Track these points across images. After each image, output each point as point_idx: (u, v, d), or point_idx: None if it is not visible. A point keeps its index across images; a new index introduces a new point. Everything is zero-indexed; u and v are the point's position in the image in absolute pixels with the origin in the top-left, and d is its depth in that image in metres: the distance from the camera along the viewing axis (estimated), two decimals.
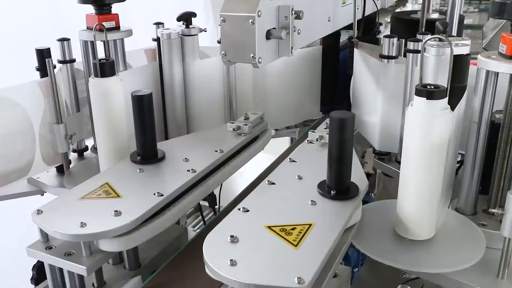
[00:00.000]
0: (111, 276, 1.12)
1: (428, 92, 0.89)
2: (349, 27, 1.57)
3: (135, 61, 1.55)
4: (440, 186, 0.96)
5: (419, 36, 1.32)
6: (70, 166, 1.48)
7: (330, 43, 1.87)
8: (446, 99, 0.91)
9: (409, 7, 3.41)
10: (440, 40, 1.14)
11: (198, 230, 1.55)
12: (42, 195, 1.46)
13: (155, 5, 2.58)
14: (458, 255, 0.97)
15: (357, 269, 1.24)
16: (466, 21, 2.26)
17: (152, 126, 1.16)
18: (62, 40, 1.41)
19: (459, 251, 0.99)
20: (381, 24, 2.56)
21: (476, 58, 1.11)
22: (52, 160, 1.44)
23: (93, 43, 1.38)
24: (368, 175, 1.66)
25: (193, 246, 1.21)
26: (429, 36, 1.15)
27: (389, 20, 3.18)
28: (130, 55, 1.50)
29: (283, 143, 2.19)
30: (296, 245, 0.82)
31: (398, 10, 3.19)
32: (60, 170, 1.48)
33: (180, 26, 1.49)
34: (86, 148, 1.58)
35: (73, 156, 1.55)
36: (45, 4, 1.97)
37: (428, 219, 0.98)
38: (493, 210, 1.11)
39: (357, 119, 1.54)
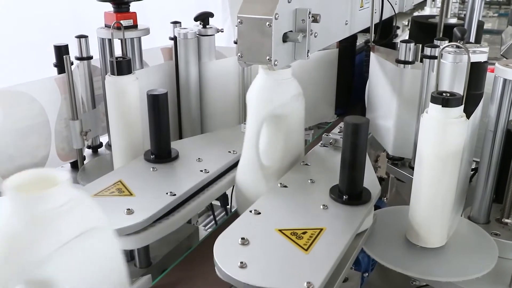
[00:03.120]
0: None
1: (444, 99, 0.89)
2: (365, 30, 1.56)
3: (151, 59, 1.56)
4: (454, 194, 0.95)
5: (436, 42, 1.31)
6: (85, 162, 1.49)
7: (346, 46, 1.87)
8: (462, 107, 0.90)
9: (427, 10, 3.39)
10: (458, 46, 1.13)
11: (209, 230, 1.55)
12: None
13: (173, 3, 2.58)
14: (469, 264, 0.96)
15: (367, 274, 1.24)
16: (485, 26, 2.23)
17: (166, 125, 1.16)
18: (80, 37, 1.43)
19: (470, 260, 0.98)
20: (398, 27, 2.55)
21: (494, 64, 1.10)
22: (66, 156, 1.46)
23: (110, 41, 1.39)
24: (380, 179, 1.66)
25: (204, 246, 1.22)
26: (446, 43, 1.14)
27: (406, 23, 3.16)
28: (146, 53, 1.51)
29: None
30: (306, 250, 0.82)
31: (416, 13, 3.18)
32: (75, 166, 1.49)
33: (197, 26, 1.50)
34: (101, 145, 1.60)
35: (87, 152, 1.56)
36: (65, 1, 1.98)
37: (440, 227, 0.97)
38: (506, 220, 1.10)
39: (372, 123, 1.53)
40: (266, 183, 1.07)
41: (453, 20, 1.83)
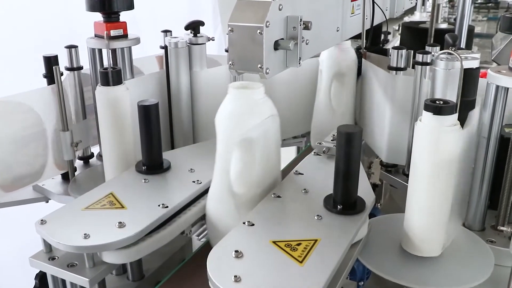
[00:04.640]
0: (114, 287, 1.12)
1: (437, 107, 0.88)
2: (357, 36, 1.56)
3: (147, 68, 1.55)
4: (449, 202, 0.94)
5: (428, 48, 1.31)
6: (76, 173, 1.47)
7: None
8: (456, 115, 0.90)
9: (417, 15, 3.40)
10: (450, 54, 1.13)
11: (203, 240, 1.54)
12: (47, 202, 1.45)
13: (164, 12, 2.58)
14: (465, 272, 0.96)
15: (362, 283, 1.23)
16: (474, 30, 2.23)
17: (158, 136, 1.15)
18: (69, 47, 1.41)
19: (466, 269, 0.97)
20: (389, 33, 2.55)
21: (484, 68, 1.10)
22: (63, 165, 1.44)
23: (100, 51, 1.38)
24: (374, 185, 1.65)
25: (197, 257, 1.20)
26: (438, 51, 1.13)
27: (397, 28, 3.16)
28: (141, 61, 1.50)
29: (290, 152, 2.18)
30: (301, 262, 0.81)
31: (406, 18, 3.18)
32: (66, 177, 1.47)
33: (188, 35, 1.49)
34: (92, 155, 1.58)
35: (78, 163, 1.54)
36: (56, 10, 1.97)
37: (436, 236, 0.96)
38: (502, 228, 1.09)
39: (365, 130, 1.52)
40: (335, 120, 1.58)
41: (444, 25, 1.84)
